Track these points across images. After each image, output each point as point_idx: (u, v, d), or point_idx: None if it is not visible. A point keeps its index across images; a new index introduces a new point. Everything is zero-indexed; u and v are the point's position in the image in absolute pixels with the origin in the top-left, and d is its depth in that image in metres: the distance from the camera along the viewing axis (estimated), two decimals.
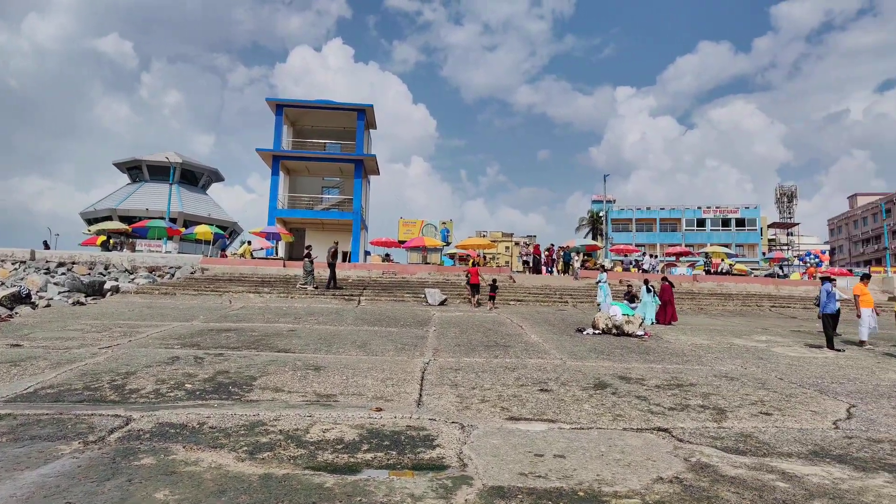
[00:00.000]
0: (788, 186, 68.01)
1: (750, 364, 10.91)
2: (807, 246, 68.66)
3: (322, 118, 39.07)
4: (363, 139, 37.78)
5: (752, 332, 15.90)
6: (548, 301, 21.96)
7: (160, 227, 33.48)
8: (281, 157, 36.36)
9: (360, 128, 37.40)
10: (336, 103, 38.08)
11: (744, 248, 66.63)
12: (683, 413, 7.19)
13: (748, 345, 13.46)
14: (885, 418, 7.32)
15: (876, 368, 11.06)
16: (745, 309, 23.34)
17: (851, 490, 4.69)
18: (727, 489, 4.61)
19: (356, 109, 37.42)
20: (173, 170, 46.83)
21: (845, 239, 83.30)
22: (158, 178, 52.50)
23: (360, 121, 37.40)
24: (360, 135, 37.33)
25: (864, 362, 11.74)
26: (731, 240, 66.44)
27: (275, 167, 36.28)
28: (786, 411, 7.47)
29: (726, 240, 65.30)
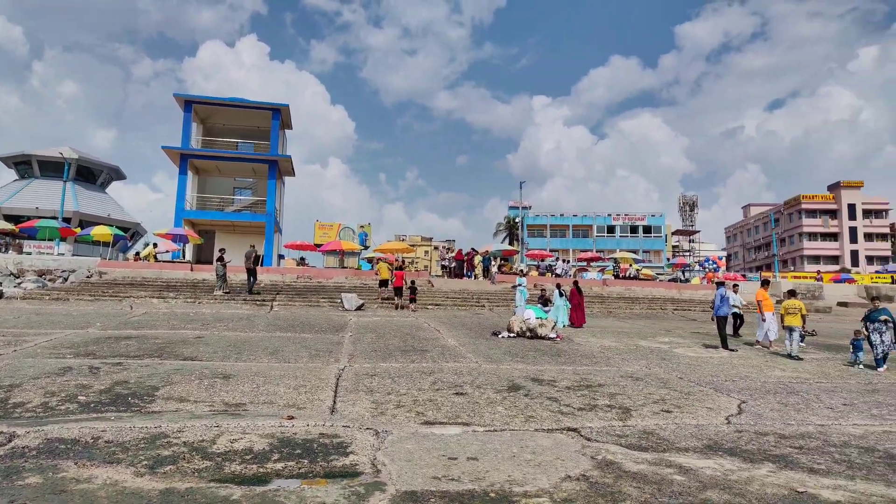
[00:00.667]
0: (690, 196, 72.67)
1: (654, 365, 11.49)
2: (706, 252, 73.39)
3: (234, 116, 37.71)
4: (278, 139, 36.80)
5: (656, 334, 16.77)
6: (466, 305, 22.22)
7: (51, 226, 30.98)
8: (189, 155, 34.76)
9: (274, 127, 36.40)
10: (249, 102, 36.89)
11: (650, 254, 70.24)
12: (592, 413, 7.47)
13: (652, 346, 14.18)
14: (770, 413, 7.92)
15: (764, 367, 11.94)
16: (650, 312, 24.60)
17: (739, 480, 5.03)
18: (629, 484, 4.82)
19: (271, 109, 36.41)
20: (68, 166, 43.57)
21: (740, 246, 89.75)
22: (51, 174, 48.72)
23: (274, 120, 36.39)
24: (274, 135, 36.34)
25: (755, 361, 12.66)
26: (639, 246, 69.84)
27: (183, 166, 34.63)
28: (684, 409, 7.92)
29: (634, 246, 68.60)
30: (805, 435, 6.80)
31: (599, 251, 58.37)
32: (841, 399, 9.05)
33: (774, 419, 7.55)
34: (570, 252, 64.57)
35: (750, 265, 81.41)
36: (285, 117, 37.54)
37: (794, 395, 9.13)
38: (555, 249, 64.65)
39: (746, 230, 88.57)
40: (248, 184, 38.43)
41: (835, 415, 7.98)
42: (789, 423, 7.39)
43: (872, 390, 9.91)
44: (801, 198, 75.40)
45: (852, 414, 8.07)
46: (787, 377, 10.82)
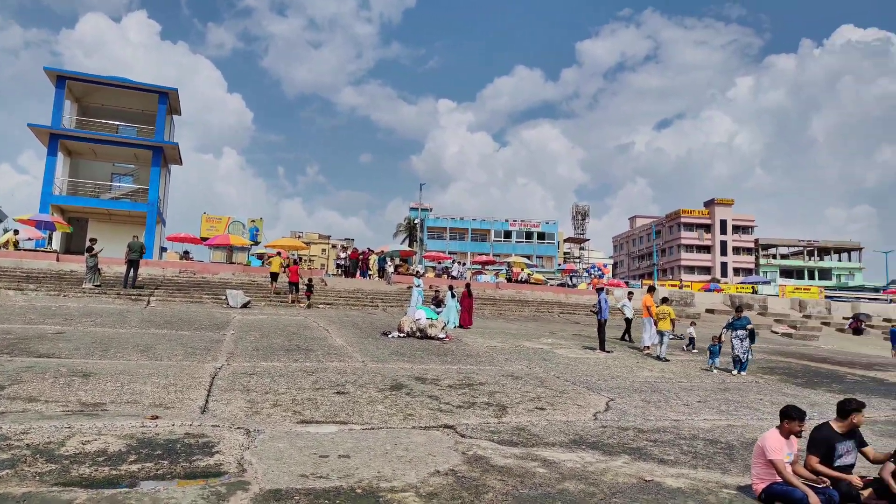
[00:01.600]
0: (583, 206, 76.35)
1: (535, 364, 11.96)
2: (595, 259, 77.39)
3: (116, 97, 34.95)
4: (164, 124, 34.52)
5: (541, 336, 17.46)
6: (359, 305, 22.01)
7: None
8: (60, 135, 31.76)
9: (161, 112, 34.11)
10: (134, 83, 34.32)
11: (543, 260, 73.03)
12: (470, 410, 7.65)
13: (536, 347, 14.75)
14: (634, 409, 8.49)
15: (635, 367, 12.77)
16: (538, 315, 25.56)
17: (596, 471, 5.35)
18: (495, 477, 4.99)
19: (157, 91, 34.12)
20: None
21: (626, 255, 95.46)
22: None
23: (161, 104, 34.11)
24: (160, 119, 34.04)
25: (627, 362, 13.50)
26: (533, 251, 72.49)
27: (52, 147, 31.59)
28: (557, 406, 8.31)
29: (529, 251, 71.07)
30: (661, 429, 7.35)
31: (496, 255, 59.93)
32: (696, 397, 9.87)
33: (636, 415, 8.10)
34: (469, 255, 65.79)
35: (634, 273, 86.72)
36: (174, 102, 35.35)
37: (656, 394, 9.84)
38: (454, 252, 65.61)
39: (632, 240, 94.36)
40: (128, 170, 35.77)
41: (689, 411, 8.69)
42: (649, 418, 7.95)
43: (724, 388, 10.88)
44: (681, 212, 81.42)
45: (704, 410, 8.83)
46: (654, 377, 11.64)
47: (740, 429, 7.67)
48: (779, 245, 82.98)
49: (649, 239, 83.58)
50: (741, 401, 9.77)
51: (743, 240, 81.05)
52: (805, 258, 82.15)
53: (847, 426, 4.95)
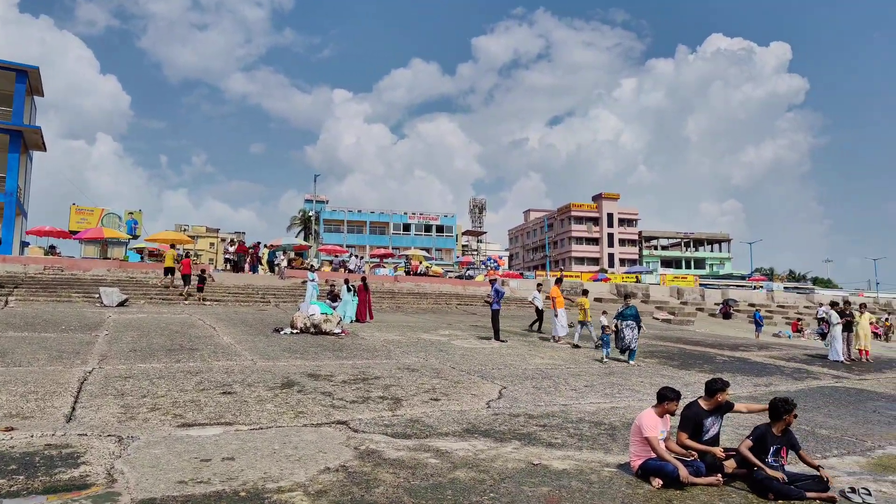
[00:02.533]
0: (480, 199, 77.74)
1: (431, 356, 12.02)
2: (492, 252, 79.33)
3: None
4: (24, 106, 31.14)
5: (438, 328, 17.61)
6: (249, 301, 21.15)
7: None
8: None
9: (19, 92, 30.73)
10: None
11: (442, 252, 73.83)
12: (364, 405, 7.54)
13: (433, 339, 14.84)
14: (525, 396, 8.74)
15: (528, 355, 13.17)
16: (436, 307, 25.80)
17: (487, 458, 5.44)
18: (387, 471, 4.93)
19: (15, 69, 30.70)
20: None
21: (521, 247, 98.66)
22: None
23: (19, 84, 30.74)
24: (19, 100, 30.65)
25: (520, 350, 13.91)
26: (432, 244, 73.07)
27: None
28: (452, 396, 8.39)
29: (428, 244, 71.57)
30: (550, 414, 7.62)
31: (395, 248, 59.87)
32: (584, 381, 10.34)
33: (527, 402, 8.34)
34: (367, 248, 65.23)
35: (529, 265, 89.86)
36: (34, 81, 32.01)
37: (547, 380, 10.21)
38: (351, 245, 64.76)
39: (526, 233, 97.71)
40: None
41: (577, 395, 9.08)
42: (539, 404, 8.22)
43: (609, 373, 11.49)
44: (571, 206, 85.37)
45: (590, 394, 9.26)
46: (545, 364, 12.07)
47: (622, 410, 8.11)
48: (660, 237, 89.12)
49: (542, 231, 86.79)
50: (624, 384, 10.34)
51: (628, 232, 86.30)
52: (682, 249, 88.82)
53: (713, 404, 5.35)
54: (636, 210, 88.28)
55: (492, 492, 4.54)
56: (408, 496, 4.38)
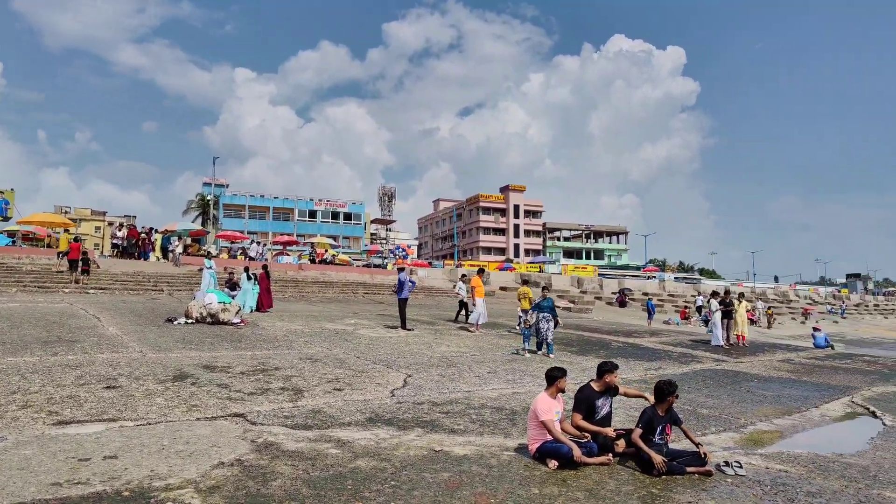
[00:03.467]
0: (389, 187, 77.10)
1: (336, 346, 11.81)
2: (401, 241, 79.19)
3: None
4: None
5: (344, 317, 17.35)
6: (140, 290, 19.86)
7: None
8: None
9: None
10: None
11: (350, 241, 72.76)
12: (263, 396, 7.28)
13: (338, 328, 14.61)
14: (430, 384, 8.78)
15: (433, 343, 13.25)
16: (342, 296, 25.41)
17: (389, 447, 5.41)
18: (285, 463, 4.78)
19: None
20: None
21: (430, 236, 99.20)
22: None
23: None
24: None
25: (426, 339, 13.97)
26: (340, 232, 71.84)
27: None
28: (356, 386, 8.28)
29: (335, 232, 70.27)
30: (453, 401, 7.70)
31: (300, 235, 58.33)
32: (487, 368, 10.54)
33: (432, 389, 8.39)
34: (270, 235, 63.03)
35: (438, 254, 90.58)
36: None
37: (452, 367, 10.31)
38: (253, 232, 62.38)
39: (436, 222, 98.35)
40: None
41: (480, 382, 9.24)
42: (443, 391, 8.29)
43: (512, 360, 11.79)
44: (479, 197, 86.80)
45: (493, 380, 9.46)
46: (451, 352, 12.19)
47: (523, 395, 8.34)
48: (563, 228, 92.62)
49: (451, 221, 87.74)
50: (526, 370, 10.65)
51: (533, 223, 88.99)
52: (584, 241, 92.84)
53: (603, 385, 5.62)
54: (541, 202, 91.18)
55: (393, 480, 4.52)
56: (306, 488, 4.27)
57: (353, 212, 75.34)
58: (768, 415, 8.04)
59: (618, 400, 5.99)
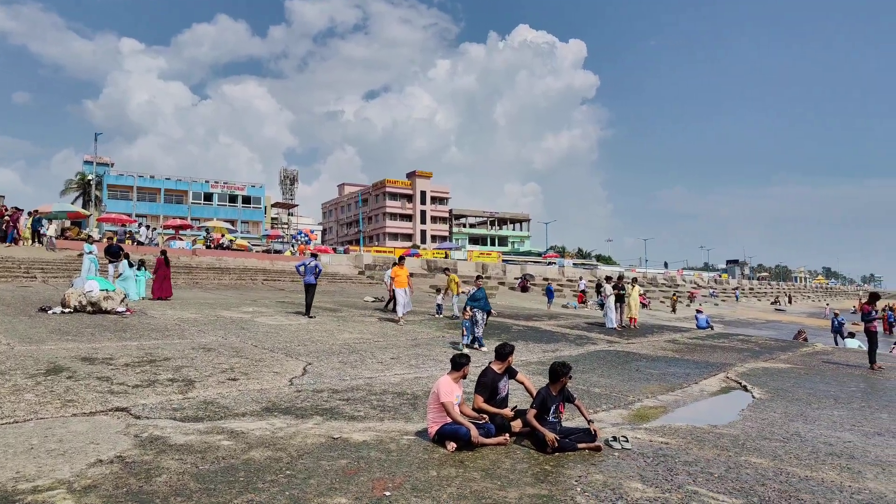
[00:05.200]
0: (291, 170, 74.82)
1: (231, 334, 11.32)
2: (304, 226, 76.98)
3: None
4: None
5: (241, 305, 16.68)
6: (8, 276, 18.06)
7: None
8: None
9: None
10: None
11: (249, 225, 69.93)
12: (150, 389, 6.84)
13: (235, 316, 14.02)
14: (331, 371, 8.62)
15: (336, 331, 13.02)
16: (240, 283, 24.43)
17: (286, 436, 5.25)
18: (172, 457, 4.52)
19: None
20: None
21: (335, 221, 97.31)
22: None
23: None
24: None
25: (329, 326, 13.70)
26: (238, 216, 68.77)
27: None
28: (252, 375, 7.97)
29: (233, 216, 67.20)
30: (355, 388, 7.60)
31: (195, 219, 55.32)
32: (391, 354, 10.50)
33: (332, 377, 8.24)
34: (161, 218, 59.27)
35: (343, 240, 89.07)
36: None
37: (354, 354, 10.18)
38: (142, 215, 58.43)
39: (340, 207, 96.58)
40: None
41: (383, 368, 9.19)
42: (344, 378, 8.17)
43: (415, 345, 11.82)
44: (385, 182, 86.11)
45: (396, 366, 9.43)
46: (353, 339, 12.04)
47: (425, 380, 8.37)
48: (468, 215, 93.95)
49: (357, 206, 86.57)
50: (429, 354, 10.71)
51: (439, 210, 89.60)
52: (488, 227, 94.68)
53: (504, 366, 5.75)
54: (447, 188, 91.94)
55: (288, 469, 4.39)
56: (195, 482, 4.06)
57: (253, 195, 72.30)
58: (654, 392, 8.57)
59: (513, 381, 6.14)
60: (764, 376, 10.49)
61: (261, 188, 73.50)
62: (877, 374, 11.44)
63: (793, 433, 6.42)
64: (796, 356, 13.71)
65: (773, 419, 7.11)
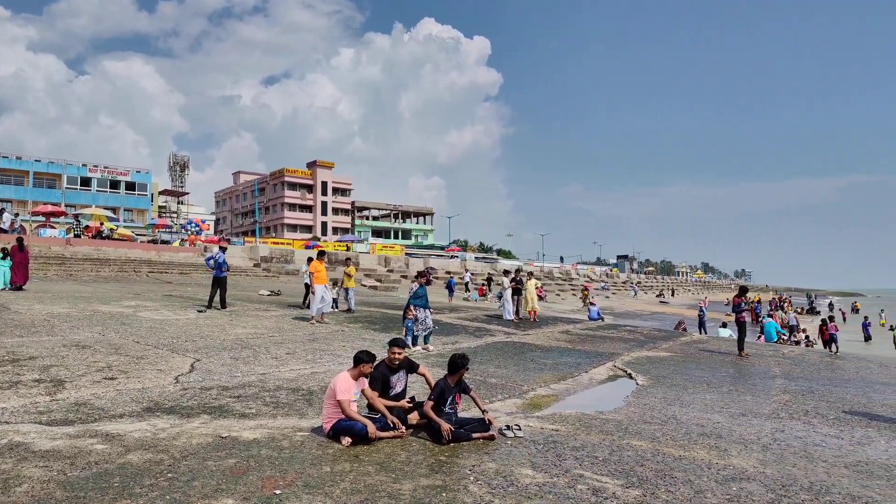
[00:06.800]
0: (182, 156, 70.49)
1: (110, 330, 10.53)
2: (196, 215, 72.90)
3: None
4: None
5: (123, 298, 15.56)
6: None
7: None
8: None
9: None
10: None
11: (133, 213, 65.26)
12: (11, 391, 6.21)
13: (115, 311, 13.05)
14: (221, 367, 8.22)
15: (227, 325, 12.44)
16: (122, 275, 22.78)
17: (169, 437, 4.94)
18: (36, 465, 4.12)
19: None
20: None
21: (229, 211, 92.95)
22: None
23: None
24: None
25: (220, 320, 13.06)
26: (121, 203, 63.90)
27: None
28: (132, 373, 7.44)
29: (115, 203, 62.33)
30: (246, 384, 7.29)
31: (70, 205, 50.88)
32: (286, 349, 10.17)
33: (223, 373, 7.86)
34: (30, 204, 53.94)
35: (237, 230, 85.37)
36: None
37: (247, 350, 9.77)
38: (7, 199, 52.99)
39: (235, 196, 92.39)
40: None
41: (277, 363, 8.88)
42: (235, 375, 7.81)
43: (313, 339, 11.53)
44: (285, 171, 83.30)
45: (291, 361, 9.15)
46: (247, 333, 11.56)
47: (322, 375, 8.19)
48: (371, 208, 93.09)
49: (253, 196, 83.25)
50: (326, 349, 10.48)
51: (341, 201, 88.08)
52: (392, 220, 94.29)
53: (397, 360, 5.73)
54: (350, 180, 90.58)
55: (170, 472, 4.13)
56: (61, 490, 3.72)
57: (138, 181, 67.41)
58: (547, 381, 8.90)
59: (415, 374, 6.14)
60: (647, 364, 11.18)
61: (147, 174, 68.76)
62: (744, 360, 12.52)
63: (670, 416, 6.88)
64: (676, 345, 14.74)
65: (653, 404, 7.59)
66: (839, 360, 13.81)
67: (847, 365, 12.72)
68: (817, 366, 12.30)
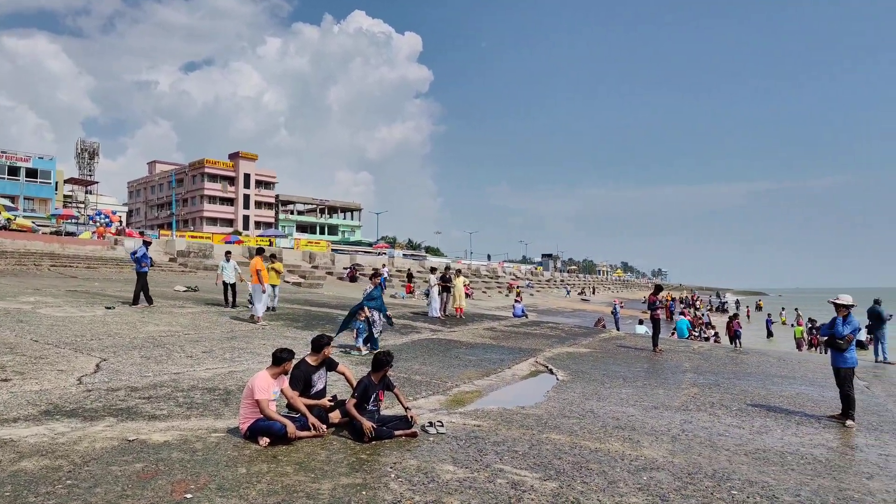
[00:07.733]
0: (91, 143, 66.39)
1: (4, 328, 9.77)
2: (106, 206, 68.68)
3: None
4: None
5: (20, 294, 14.47)
6: None
7: None
8: None
9: None
10: None
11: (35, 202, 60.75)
12: None
13: (11, 307, 12.12)
14: (130, 367, 7.78)
15: (139, 323, 11.81)
16: (20, 268, 21.17)
17: (69, 441, 4.62)
18: None
19: None
20: None
21: (143, 202, 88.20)
22: None
23: None
24: None
25: (131, 318, 12.38)
26: (20, 191, 59.22)
27: None
28: (29, 374, 6.92)
29: (13, 191, 57.73)
30: (158, 385, 6.94)
31: None
32: (202, 347, 9.76)
33: (132, 373, 7.45)
34: None
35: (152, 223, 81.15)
36: None
37: (159, 348, 9.31)
38: None
39: (151, 187, 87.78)
40: None
41: (192, 362, 8.51)
42: (146, 375, 7.42)
43: (231, 337, 11.12)
44: (205, 162, 79.84)
45: (208, 360, 8.79)
46: (160, 331, 11.01)
47: (241, 374, 7.91)
48: (297, 202, 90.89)
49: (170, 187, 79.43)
50: (246, 347, 10.14)
51: (265, 194, 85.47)
52: (318, 215, 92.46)
53: (320, 358, 5.62)
54: (274, 173, 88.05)
55: (69, 479, 3.86)
56: None
57: (41, 168, 62.62)
58: (471, 377, 8.98)
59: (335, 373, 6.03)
60: (568, 360, 11.51)
61: (51, 160, 64.12)
62: (658, 356, 13.12)
63: (588, 410, 7.11)
64: (595, 341, 15.27)
65: (572, 399, 7.82)
66: (743, 354, 14.73)
67: (749, 359, 13.58)
68: (723, 360, 13.06)
